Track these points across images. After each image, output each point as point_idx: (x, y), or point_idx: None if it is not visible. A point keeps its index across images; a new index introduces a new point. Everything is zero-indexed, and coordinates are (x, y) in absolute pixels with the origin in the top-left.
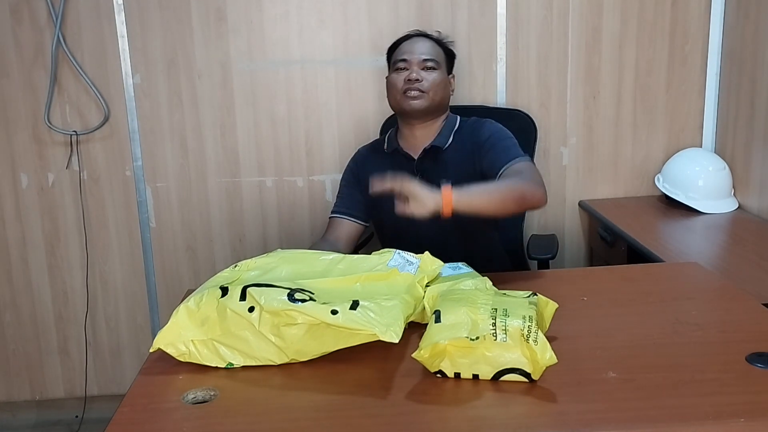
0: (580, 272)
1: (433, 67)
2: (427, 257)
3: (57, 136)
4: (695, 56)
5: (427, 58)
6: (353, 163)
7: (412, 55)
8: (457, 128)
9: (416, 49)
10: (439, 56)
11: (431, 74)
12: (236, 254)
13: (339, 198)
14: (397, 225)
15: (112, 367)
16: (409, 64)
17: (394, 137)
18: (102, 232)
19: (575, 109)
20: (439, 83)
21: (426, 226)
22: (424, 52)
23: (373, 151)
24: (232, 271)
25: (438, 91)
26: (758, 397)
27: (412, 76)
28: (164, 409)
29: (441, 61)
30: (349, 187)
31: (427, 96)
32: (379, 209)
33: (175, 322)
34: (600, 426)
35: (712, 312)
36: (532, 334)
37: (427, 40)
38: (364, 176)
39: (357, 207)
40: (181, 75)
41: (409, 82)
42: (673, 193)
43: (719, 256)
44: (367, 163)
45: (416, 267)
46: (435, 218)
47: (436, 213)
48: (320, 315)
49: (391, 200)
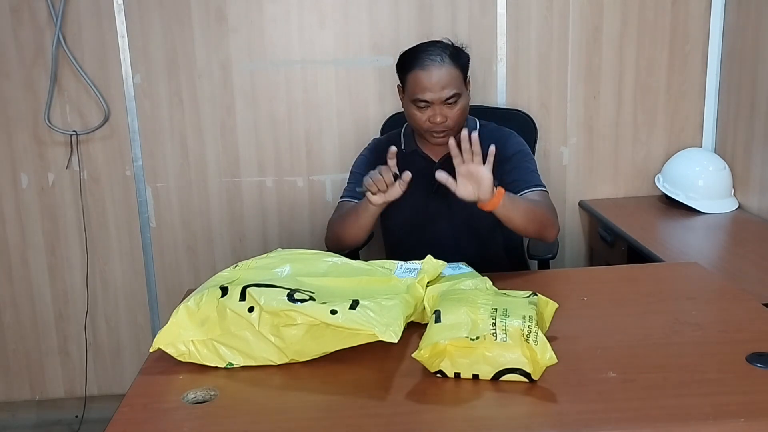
0: (580, 272)
1: (455, 100)
2: (430, 259)
3: (57, 136)
4: (695, 56)
5: (449, 96)
6: (370, 154)
7: (432, 94)
8: (478, 135)
9: (435, 85)
10: (458, 82)
11: (454, 108)
12: (236, 254)
13: (351, 183)
14: (408, 223)
15: (112, 367)
16: (431, 103)
17: (412, 138)
18: (102, 232)
19: (575, 109)
20: (461, 113)
21: (439, 225)
22: (445, 86)
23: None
24: (232, 271)
25: (462, 120)
26: (758, 397)
27: (437, 119)
28: (164, 409)
29: (460, 84)
30: (363, 175)
31: (453, 131)
32: (392, 206)
33: (175, 322)
34: (600, 426)
35: (712, 312)
36: (532, 334)
37: (444, 66)
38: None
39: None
40: (181, 75)
41: (434, 125)
42: (673, 193)
43: (719, 256)
44: (383, 161)
45: (417, 271)
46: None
47: (478, 202)
48: (319, 315)
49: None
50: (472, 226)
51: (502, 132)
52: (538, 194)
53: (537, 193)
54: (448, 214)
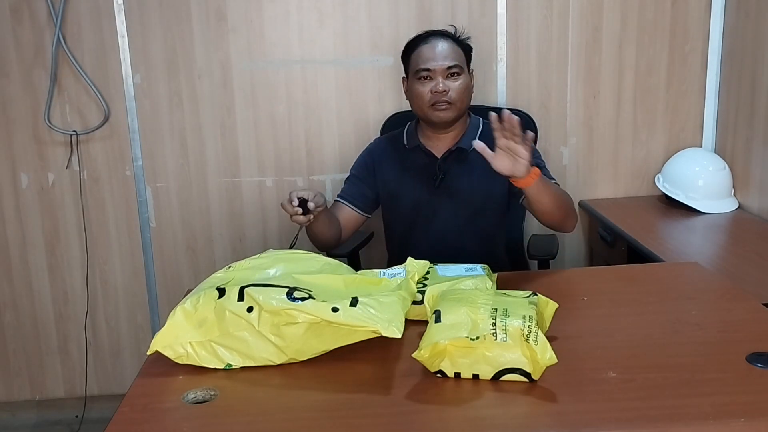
0: (580, 272)
1: (457, 72)
2: (411, 261)
3: (57, 135)
4: (695, 56)
5: (451, 65)
6: (369, 157)
7: (435, 63)
8: (481, 131)
9: (438, 55)
10: (460, 58)
11: (456, 81)
12: (236, 254)
13: (347, 185)
14: (411, 215)
15: (112, 366)
16: (434, 73)
17: (415, 133)
18: (102, 232)
19: (575, 109)
20: (464, 89)
21: (442, 221)
22: (448, 57)
23: (391, 146)
24: (227, 272)
25: (464, 98)
26: (758, 397)
27: (439, 87)
28: (164, 409)
29: (463, 62)
30: (359, 179)
31: (455, 106)
32: (396, 196)
33: (172, 324)
34: (600, 426)
35: (712, 312)
36: (533, 333)
37: (447, 41)
38: (380, 172)
39: (362, 199)
40: (181, 75)
41: (436, 94)
42: (673, 193)
43: (719, 256)
44: (385, 159)
45: (404, 273)
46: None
47: (512, 176)
48: (321, 313)
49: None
50: (475, 224)
51: None
52: (557, 187)
53: (556, 186)
54: (451, 210)
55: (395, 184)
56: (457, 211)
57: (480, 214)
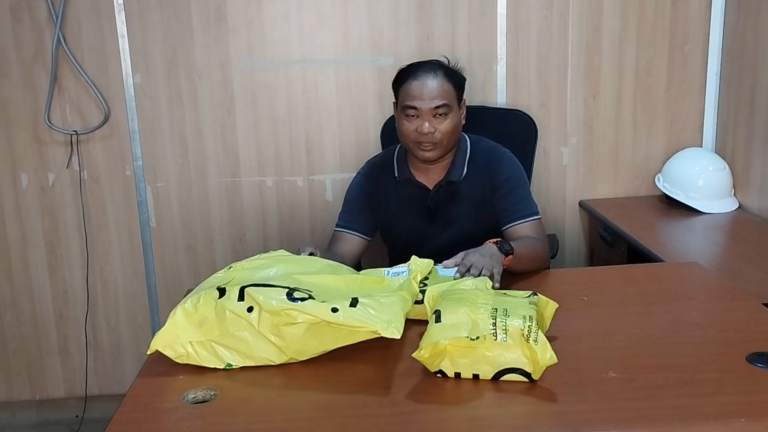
0: (580, 272)
1: (445, 112)
2: (415, 259)
3: (57, 135)
4: (695, 56)
5: (438, 105)
6: (365, 182)
7: (422, 102)
8: (469, 156)
9: (426, 93)
10: (449, 95)
11: (443, 122)
12: (236, 254)
13: (345, 212)
14: (408, 241)
15: (112, 366)
16: (420, 112)
17: (405, 164)
18: (102, 232)
19: (575, 109)
20: (452, 130)
21: (437, 244)
22: (436, 97)
23: (384, 173)
24: (227, 272)
25: (451, 138)
26: (758, 397)
27: (424, 129)
28: (164, 409)
29: (452, 99)
30: (357, 204)
31: (441, 145)
32: (391, 227)
33: (172, 323)
34: (600, 426)
35: (712, 312)
36: (533, 334)
37: (437, 78)
38: (377, 199)
39: (363, 223)
40: (181, 75)
41: (422, 135)
42: (673, 192)
43: (719, 256)
44: (380, 187)
45: (407, 271)
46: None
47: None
48: (321, 313)
49: (403, 219)
50: (468, 245)
51: (494, 153)
52: (531, 227)
53: (530, 226)
54: (445, 237)
55: (389, 215)
56: (450, 238)
57: (474, 239)
